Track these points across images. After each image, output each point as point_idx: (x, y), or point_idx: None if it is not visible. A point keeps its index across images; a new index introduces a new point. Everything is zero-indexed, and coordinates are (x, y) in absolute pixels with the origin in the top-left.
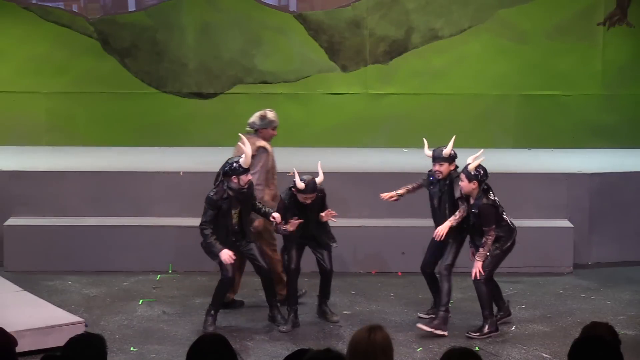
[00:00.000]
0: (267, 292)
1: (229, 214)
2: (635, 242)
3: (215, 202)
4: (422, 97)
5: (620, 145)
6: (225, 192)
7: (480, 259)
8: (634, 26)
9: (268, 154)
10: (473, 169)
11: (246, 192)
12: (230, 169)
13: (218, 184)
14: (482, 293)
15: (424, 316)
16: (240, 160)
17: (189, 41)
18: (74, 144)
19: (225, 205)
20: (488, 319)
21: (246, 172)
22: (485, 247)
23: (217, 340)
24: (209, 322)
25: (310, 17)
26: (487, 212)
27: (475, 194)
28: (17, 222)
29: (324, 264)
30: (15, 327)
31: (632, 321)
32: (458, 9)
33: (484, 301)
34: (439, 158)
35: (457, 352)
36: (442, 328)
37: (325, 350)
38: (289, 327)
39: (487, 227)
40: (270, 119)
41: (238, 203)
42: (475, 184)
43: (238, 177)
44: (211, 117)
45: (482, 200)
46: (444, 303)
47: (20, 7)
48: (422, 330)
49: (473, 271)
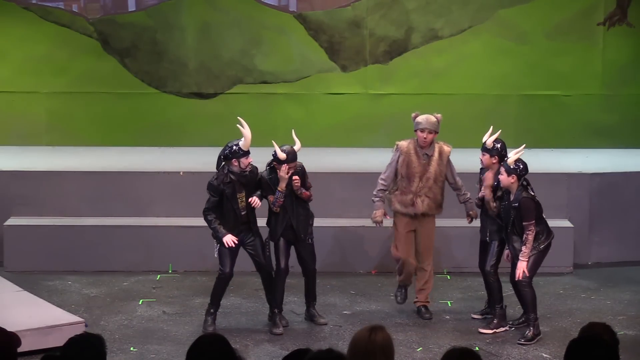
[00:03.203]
0: (267, 290)
1: (235, 198)
2: (635, 242)
3: (217, 187)
4: (422, 97)
5: (620, 145)
6: (227, 176)
7: (524, 258)
8: (634, 26)
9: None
10: (512, 163)
11: (248, 175)
12: (230, 152)
13: (220, 169)
14: (526, 295)
15: (477, 317)
16: (240, 143)
17: (189, 41)
18: (74, 144)
19: (229, 189)
20: (532, 322)
21: (246, 154)
22: (527, 244)
23: (217, 340)
24: (209, 322)
25: (310, 17)
26: (527, 206)
27: (514, 188)
28: (17, 222)
29: (308, 264)
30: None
31: (632, 321)
32: (458, 9)
33: (527, 304)
34: (483, 147)
35: (457, 352)
36: (502, 325)
37: (327, 350)
38: (282, 329)
39: (528, 221)
40: (416, 120)
41: (242, 187)
42: (514, 178)
43: (238, 160)
44: (211, 117)
45: (522, 194)
46: (498, 301)
47: (20, 7)
48: (485, 334)
49: (517, 272)
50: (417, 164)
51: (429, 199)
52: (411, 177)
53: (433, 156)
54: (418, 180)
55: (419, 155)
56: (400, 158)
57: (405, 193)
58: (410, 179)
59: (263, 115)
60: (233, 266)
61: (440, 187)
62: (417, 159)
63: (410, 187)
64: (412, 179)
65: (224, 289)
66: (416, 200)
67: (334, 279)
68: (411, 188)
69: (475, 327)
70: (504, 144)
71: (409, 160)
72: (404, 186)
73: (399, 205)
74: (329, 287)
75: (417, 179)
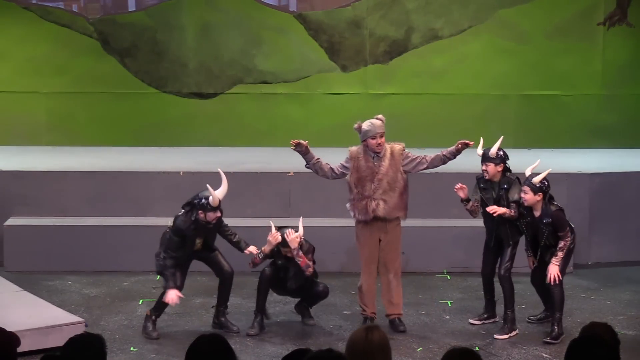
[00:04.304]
0: (224, 294)
1: (193, 242)
2: (635, 242)
3: (182, 231)
4: (422, 97)
5: (620, 145)
6: (192, 224)
7: (557, 263)
8: (634, 26)
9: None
10: (538, 182)
11: (212, 227)
12: (199, 203)
13: (187, 212)
14: (556, 295)
15: (476, 322)
16: (210, 198)
17: (189, 41)
18: (74, 144)
19: (191, 234)
20: (558, 322)
21: (214, 210)
22: (563, 250)
23: (217, 340)
24: (150, 328)
25: (310, 17)
26: (560, 217)
27: (539, 205)
28: (17, 222)
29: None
30: (15, 327)
31: (632, 321)
32: (458, 9)
33: (556, 303)
34: (485, 158)
35: (457, 352)
36: (514, 329)
37: (326, 350)
38: (257, 330)
39: (563, 231)
40: (363, 129)
41: (203, 234)
42: (540, 196)
43: (205, 213)
44: (211, 117)
45: (551, 207)
46: (510, 304)
47: (20, 7)
48: (499, 339)
49: (550, 276)
50: (366, 167)
51: (384, 202)
52: (363, 182)
53: (384, 157)
54: (369, 183)
55: (368, 158)
56: (351, 163)
57: (360, 199)
58: (362, 183)
59: (263, 115)
60: (184, 280)
61: (399, 190)
62: (365, 162)
63: (363, 191)
64: (364, 183)
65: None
66: (370, 204)
67: (334, 279)
68: (364, 192)
69: (476, 327)
70: (504, 150)
71: (358, 165)
72: (359, 192)
73: (358, 213)
74: (329, 287)
75: (368, 182)
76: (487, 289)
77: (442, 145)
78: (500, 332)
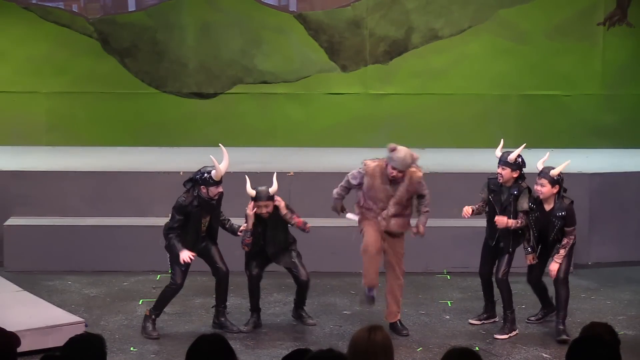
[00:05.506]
0: (221, 294)
1: (199, 222)
2: (635, 242)
3: (185, 207)
4: (422, 97)
5: (620, 145)
6: (195, 200)
7: (559, 261)
8: (634, 26)
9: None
10: (556, 174)
11: (215, 203)
12: (201, 178)
13: (188, 190)
14: (563, 294)
15: (475, 322)
16: (212, 172)
17: (189, 41)
18: (74, 144)
19: (195, 212)
20: (562, 320)
21: (216, 184)
22: (567, 248)
23: (217, 340)
24: (150, 328)
25: (310, 17)
26: (572, 212)
27: (552, 199)
28: (17, 222)
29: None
30: (15, 327)
31: (632, 321)
32: (458, 9)
33: (562, 302)
34: (502, 161)
35: (457, 352)
36: (514, 329)
37: (327, 350)
38: (250, 328)
39: (571, 227)
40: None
41: (207, 213)
42: (557, 188)
43: (207, 188)
44: (211, 117)
45: (564, 201)
46: (509, 306)
47: (20, 7)
48: (500, 340)
49: (552, 273)
50: (382, 188)
51: (394, 220)
52: (375, 200)
53: (402, 182)
54: (382, 203)
55: (384, 181)
56: (365, 179)
57: (369, 210)
58: (375, 201)
59: (263, 115)
60: (185, 278)
61: (409, 210)
62: (381, 184)
63: (375, 207)
64: (376, 202)
65: (171, 299)
66: (380, 221)
67: (334, 279)
68: (375, 209)
69: (476, 327)
70: (523, 158)
71: (372, 183)
72: (369, 207)
73: (365, 216)
74: (329, 287)
75: (380, 202)
76: (486, 290)
77: (442, 145)
78: (500, 332)
